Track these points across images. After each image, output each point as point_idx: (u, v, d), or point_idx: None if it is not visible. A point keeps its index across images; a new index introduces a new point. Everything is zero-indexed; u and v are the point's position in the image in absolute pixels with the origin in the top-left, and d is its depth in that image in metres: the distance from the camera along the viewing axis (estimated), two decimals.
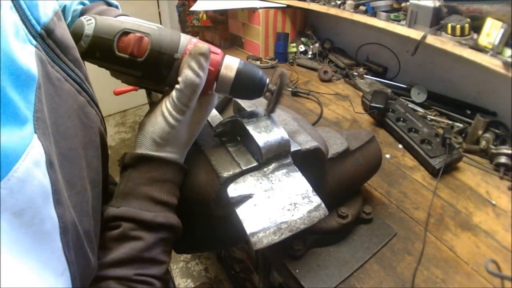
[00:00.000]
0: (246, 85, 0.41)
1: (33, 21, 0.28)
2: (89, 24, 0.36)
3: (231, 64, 0.40)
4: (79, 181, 0.29)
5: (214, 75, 0.39)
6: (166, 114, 0.37)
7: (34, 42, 0.27)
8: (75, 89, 0.32)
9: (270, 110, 0.45)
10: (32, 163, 0.21)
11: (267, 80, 0.42)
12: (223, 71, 0.40)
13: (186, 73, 0.36)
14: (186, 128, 0.39)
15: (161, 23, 2.78)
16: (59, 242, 0.23)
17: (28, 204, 0.21)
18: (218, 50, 0.40)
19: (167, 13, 2.71)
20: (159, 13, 2.73)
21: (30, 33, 0.28)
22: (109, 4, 0.53)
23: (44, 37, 0.29)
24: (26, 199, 0.21)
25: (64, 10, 0.51)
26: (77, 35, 0.35)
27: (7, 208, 0.19)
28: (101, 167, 0.34)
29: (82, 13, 0.49)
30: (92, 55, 0.36)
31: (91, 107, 0.35)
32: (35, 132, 0.23)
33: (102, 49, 0.36)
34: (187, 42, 0.39)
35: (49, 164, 0.23)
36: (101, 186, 0.34)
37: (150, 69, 0.38)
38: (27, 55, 0.25)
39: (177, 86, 0.37)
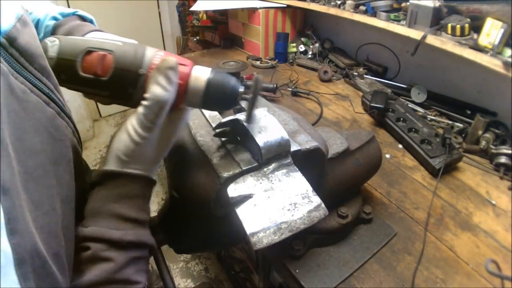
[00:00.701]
0: (217, 96, 0.38)
1: None
2: (53, 46, 0.35)
3: (200, 75, 0.38)
4: (47, 200, 0.27)
5: (183, 88, 0.37)
6: (131, 131, 0.35)
7: None
8: (43, 100, 0.30)
9: (247, 120, 0.42)
10: None
11: (240, 89, 0.39)
12: (192, 83, 0.37)
13: (153, 89, 0.34)
14: (154, 145, 0.37)
15: (161, 23, 2.78)
16: (14, 276, 0.22)
17: None
18: (187, 62, 0.38)
19: (167, 13, 2.71)
20: (159, 13, 2.73)
21: None
22: (84, 19, 0.50)
23: (6, 46, 0.28)
24: None
25: (37, 25, 0.48)
26: None
27: None
28: (73, 182, 0.33)
29: (55, 29, 0.47)
30: (58, 78, 0.35)
31: (62, 119, 0.33)
32: None
33: (66, 71, 0.35)
34: (153, 56, 0.37)
35: (3, 192, 0.22)
36: (74, 202, 0.33)
37: (116, 88, 0.37)
38: None
39: (143, 102, 0.35)
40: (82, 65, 0.35)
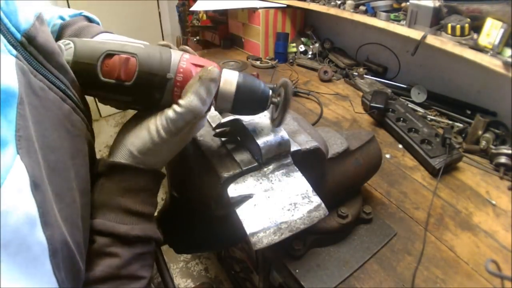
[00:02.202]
0: (248, 100, 0.37)
1: (13, 29, 0.27)
2: (67, 49, 0.33)
3: (230, 79, 0.37)
4: (68, 192, 0.28)
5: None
6: (153, 131, 0.35)
7: (14, 52, 0.26)
8: (60, 97, 0.30)
9: (277, 124, 0.41)
10: (15, 191, 0.21)
11: (270, 92, 0.39)
12: (222, 86, 0.36)
13: (191, 99, 0.34)
14: (168, 147, 0.36)
15: (161, 23, 2.78)
16: (48, 265, 0.23)
17: (14, 235, 0.20)
18: (214, 64, 0.37)
19: (167, 13, 2.71)
20: (159, 13, 2.73)
21: (10, 42, 0.26)
22: (90, 20, 0.49)
23: (25, 44, 0.28)
24: (11, 231, 0.20)
25: None
26: None
27: None
28: (89, 175, 0.33)
29: (62, 29, 0.46)
30: None
31: (77, 114, 0.33)
32: (18, 153, 0.22)
33: (84, 76, 0.34)
34: (179, 58, 0.35)
35: (34, 187, 0.22)
36: (89, 194, 0.33)
37: (141, 93, 0.35)
38: (5, 69, 0.24)
39: (176, 108, 0.34)
40: (102, 69, 0.33)
